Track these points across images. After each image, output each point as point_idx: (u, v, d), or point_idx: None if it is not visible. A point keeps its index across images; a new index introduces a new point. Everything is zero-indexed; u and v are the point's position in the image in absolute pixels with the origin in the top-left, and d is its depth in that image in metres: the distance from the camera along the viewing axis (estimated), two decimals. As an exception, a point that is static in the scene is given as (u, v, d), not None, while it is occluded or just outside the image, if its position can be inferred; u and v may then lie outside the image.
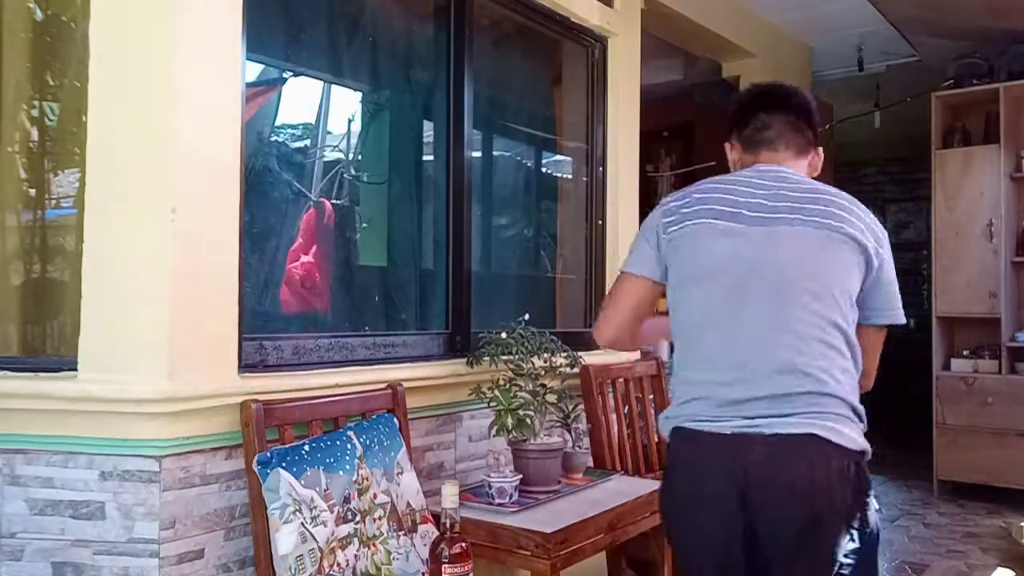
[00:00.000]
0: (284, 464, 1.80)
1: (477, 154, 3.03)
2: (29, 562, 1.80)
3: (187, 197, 1.78)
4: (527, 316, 2.50)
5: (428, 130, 2.93)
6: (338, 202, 2.82)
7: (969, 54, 5.52)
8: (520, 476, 2.25)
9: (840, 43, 5.89)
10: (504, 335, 2.40)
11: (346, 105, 3.09)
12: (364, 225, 2.96)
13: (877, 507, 1.68)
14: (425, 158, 2.92)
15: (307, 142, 2.96)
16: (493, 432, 2.31)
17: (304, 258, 2.59)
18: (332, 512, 1.84)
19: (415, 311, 2.77)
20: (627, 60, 3.34)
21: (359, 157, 3.06)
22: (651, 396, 3.11)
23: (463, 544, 1.83)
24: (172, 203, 1.75)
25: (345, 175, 2.94)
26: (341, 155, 3.03)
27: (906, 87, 5.91)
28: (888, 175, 8.86)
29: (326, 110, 2.96)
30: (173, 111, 1.76)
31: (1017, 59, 5.30)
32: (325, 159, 2.95)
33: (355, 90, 3.02)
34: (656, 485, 2.47)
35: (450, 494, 1.84)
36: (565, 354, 2.55)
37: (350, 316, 2.69)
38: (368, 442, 2.01)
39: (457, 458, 2.57)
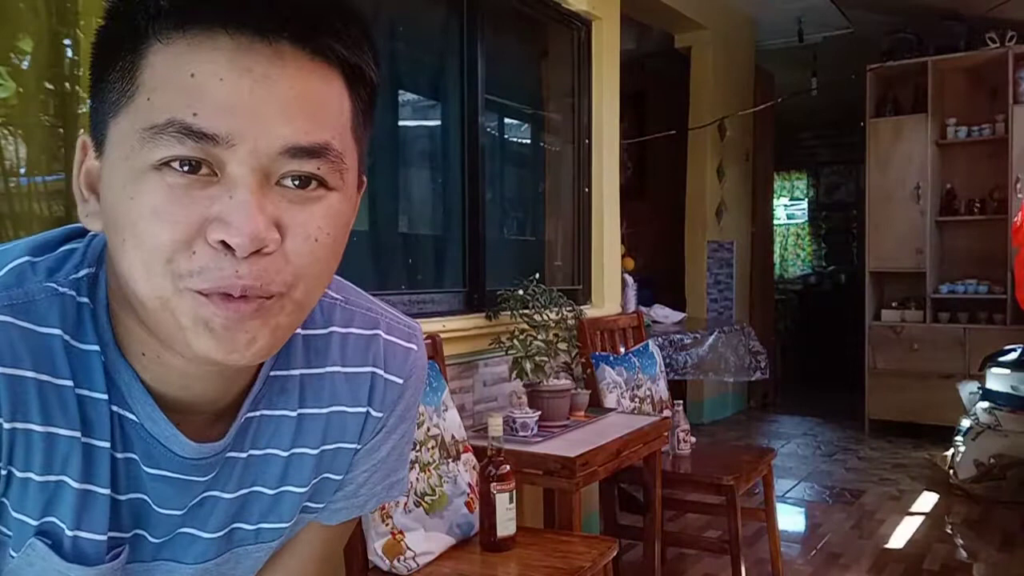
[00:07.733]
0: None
1: (490, 127, 3.27)
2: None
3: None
4: (537, 275, 2.82)
5: (436, 115, 3.17)
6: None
7: (901, 29, 5.96)
8: (539, 412, 2.59)
9: (782, 16, 6.29)
10: (521, 292, 2.73)
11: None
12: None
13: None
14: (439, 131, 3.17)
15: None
16: (513, 376, 2.65)
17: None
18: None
19: (434, 271, 3.06)
20: (609, 40, 3.65)
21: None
22: (633, 344, 3.48)
23: (507, 466, 2.18)
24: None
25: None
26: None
27: (841, 58, 6.34)
28: (822, 139, 9.40)
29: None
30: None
31: (944, 34, 5.77)
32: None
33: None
34: (649, 420, 2.87)
35: (495, 425, 2.18)
36: (569, 308, 2.89)
37: (386, 276, 2.93)
38: (418, 384, 2.32)
39: (475, 400, 2.91)
